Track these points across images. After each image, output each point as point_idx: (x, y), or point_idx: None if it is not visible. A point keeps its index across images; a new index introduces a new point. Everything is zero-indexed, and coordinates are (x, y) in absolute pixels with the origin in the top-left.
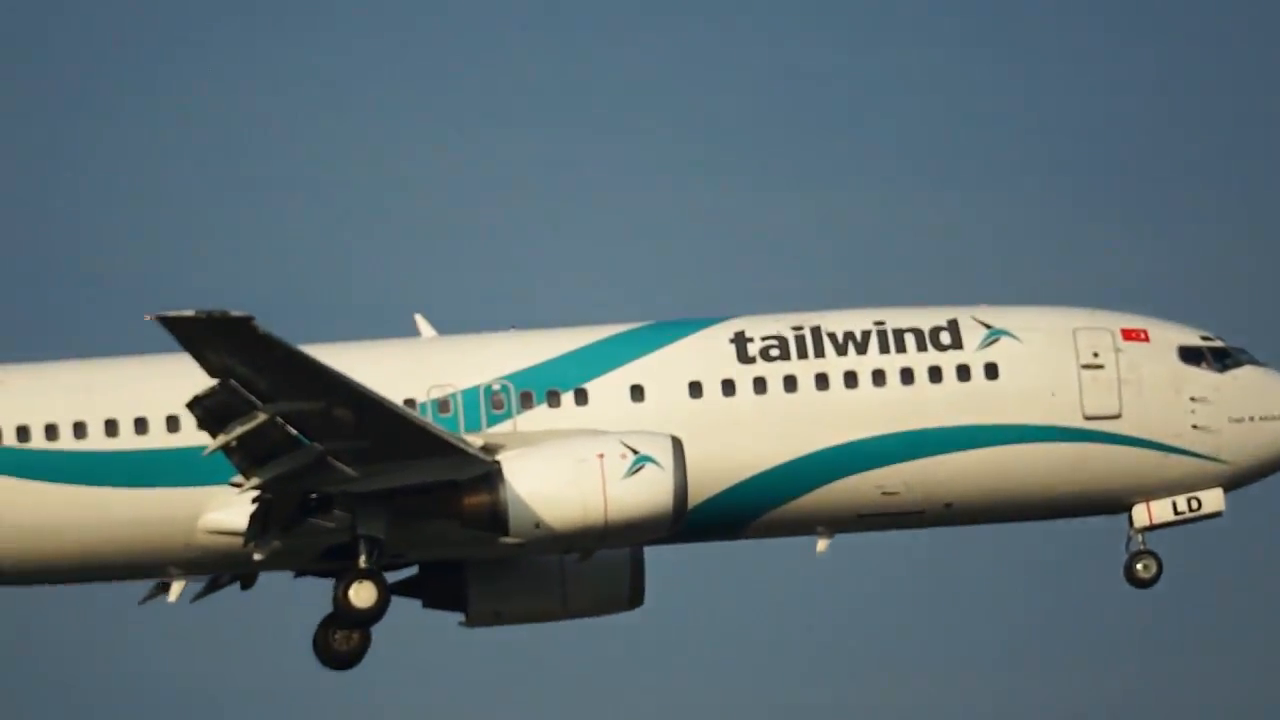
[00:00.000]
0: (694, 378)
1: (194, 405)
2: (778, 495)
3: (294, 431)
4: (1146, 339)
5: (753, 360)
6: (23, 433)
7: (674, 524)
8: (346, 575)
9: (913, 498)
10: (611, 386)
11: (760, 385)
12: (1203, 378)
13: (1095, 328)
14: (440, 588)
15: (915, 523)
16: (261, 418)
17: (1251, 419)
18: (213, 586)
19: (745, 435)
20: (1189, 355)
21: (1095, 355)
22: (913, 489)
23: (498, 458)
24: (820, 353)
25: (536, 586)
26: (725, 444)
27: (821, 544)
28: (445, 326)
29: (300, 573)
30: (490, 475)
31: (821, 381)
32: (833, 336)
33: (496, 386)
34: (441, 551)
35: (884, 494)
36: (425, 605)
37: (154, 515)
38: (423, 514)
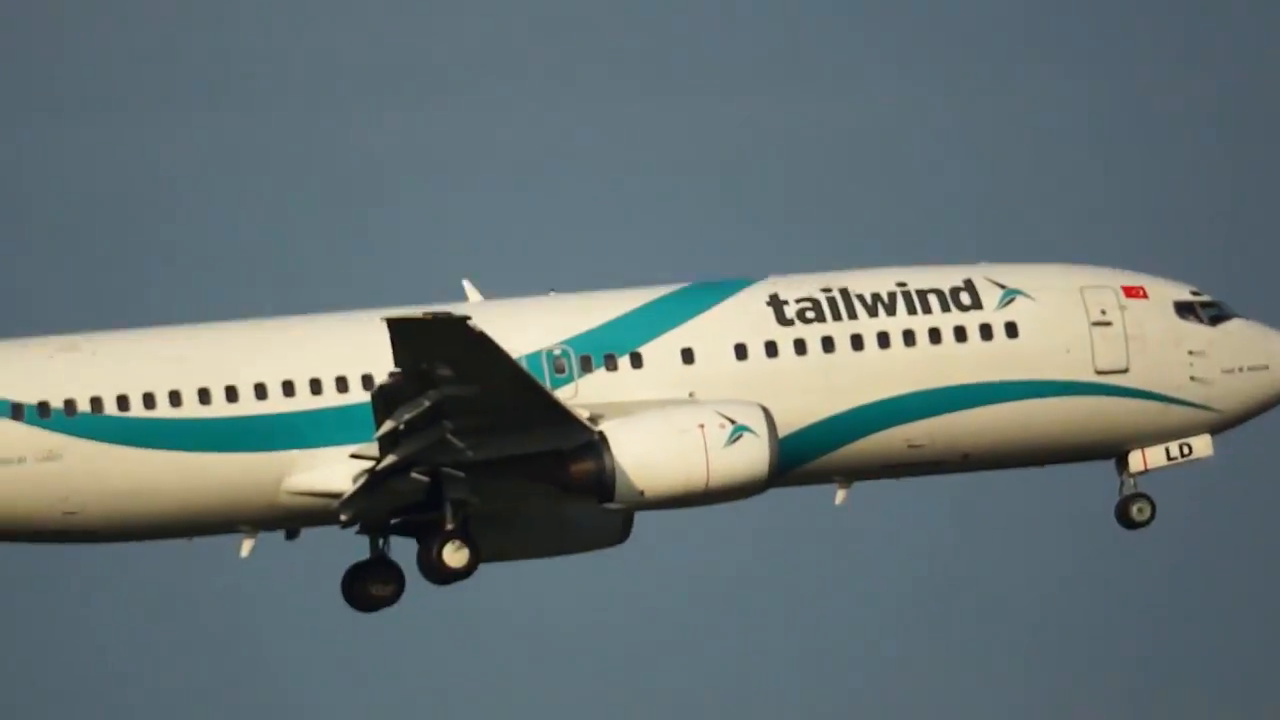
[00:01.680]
0: (739, 340)
1: (378, 395)
2: (816, 449)
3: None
4: (1145, 295)
5: (791, 322)
6: (122, 401)
7: (766, 488)
8: (438, 537)
9: (935, 450)
10: (664, 350)
11: (800, 347)
12: (1197, 332)
13: (1099, 285)
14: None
15: (930, 471)
16: (427, 404)
17: (1241, 369)
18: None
19: (788, 394)
20: (1183, 310)
21: (1103, 313)
22: (936, 442)
23: (600, 427)
24: (853, 314)
25: (539, 528)
26: (770, 403)
27: (840, 494)
28: (486, 290)
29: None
30: (594, 444)
31: (857, 342)
32: (861, 298)
33: (558, 351)
34: (513, 508)
35: (910, 446)
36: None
37: (243, 479)
38: (522, 481)
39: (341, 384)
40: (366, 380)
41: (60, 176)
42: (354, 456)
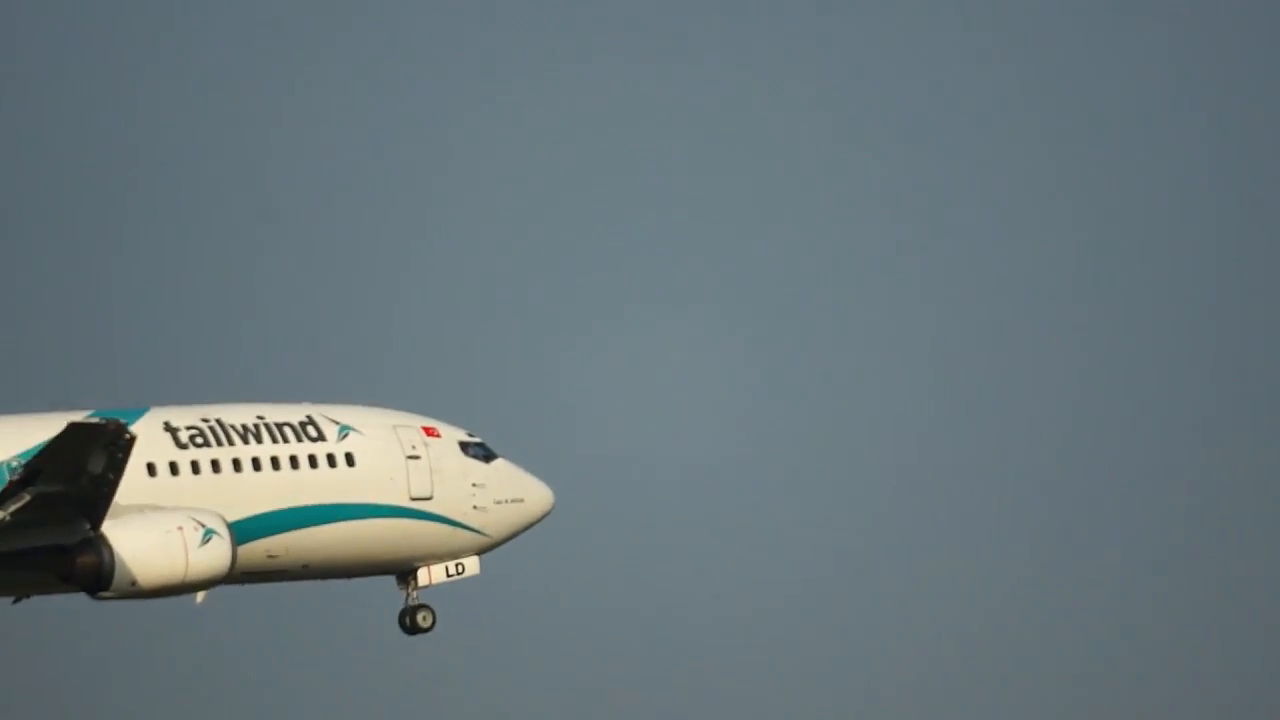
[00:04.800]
0: (149, 460)
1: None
2: None
3: None
4: (439, 435)
5: (186, 446)
6: None
7: (224, 581)
8: None
9: (287, 560)
10: None
11: (195, 467)
12: (477, 467)
13: (407, 425)
14: None
15: (275, 579)
16: (27, 498)
17: (507, 501)
18: None
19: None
20: (464, 448)
21: (413, 448)
22: (290, 553)
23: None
24: (231, 441)
25: None
26: None
27: (200, 595)
28: None
29: None
30: (94, 541)
31: (236, 465)
32: (234, 428)
33: (15, 464)
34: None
35: (269, 557)
36: None
37: None
38: (24, 571)
39: None
40: None
41: None
42: None
